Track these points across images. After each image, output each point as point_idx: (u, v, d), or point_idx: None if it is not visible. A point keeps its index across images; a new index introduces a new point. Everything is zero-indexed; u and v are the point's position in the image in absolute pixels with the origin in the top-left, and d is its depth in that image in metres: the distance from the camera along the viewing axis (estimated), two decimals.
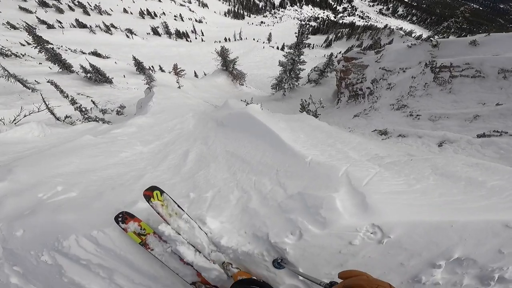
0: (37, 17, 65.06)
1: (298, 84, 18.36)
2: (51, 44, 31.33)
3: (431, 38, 10.42)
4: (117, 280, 2.02)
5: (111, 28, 65.39)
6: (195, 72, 32.17)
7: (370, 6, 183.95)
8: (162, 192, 2.09)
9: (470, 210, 1.84)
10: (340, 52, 57.03)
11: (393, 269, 1.74)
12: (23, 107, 8.59)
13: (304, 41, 16.91)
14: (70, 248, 2.07)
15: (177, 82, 14.48)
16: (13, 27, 51.70)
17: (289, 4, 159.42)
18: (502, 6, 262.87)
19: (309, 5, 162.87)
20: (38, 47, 20.89)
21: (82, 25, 64.87)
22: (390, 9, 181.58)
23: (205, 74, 28.88)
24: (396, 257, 1.74)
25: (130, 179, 3.32)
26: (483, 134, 5.18)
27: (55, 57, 21.51)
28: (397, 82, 9.70)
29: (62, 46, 37.05)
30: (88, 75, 21.39)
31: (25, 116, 7.47)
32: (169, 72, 21.31)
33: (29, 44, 28.25)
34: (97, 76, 21.36)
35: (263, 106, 12.43)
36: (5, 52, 23.31)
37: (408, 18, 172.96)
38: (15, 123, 6.82)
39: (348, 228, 1.81)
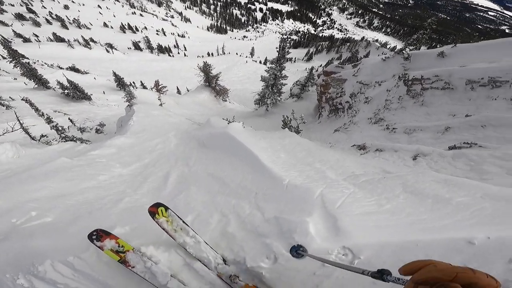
0: (13, 30, 62.92)
1: (281, 99, 18.69)
2: (27, 58, 30.21)
3: (403, 51, 11.03)
4: None
5: (90, 43, 64.26)
6: (177, 88, 31.96)
7: (347, 19, 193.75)
8: (167, 208, 2.13)
9: (435, 229, 1.92)
10: (321, 65, 59.04)
11: None
12: None
13: (285, 56, 17.41)
14: (46, 273, 2.05)
15: (158, 99, 14.31)
16: None
17: (271, 18, 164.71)
18: (468, 15, 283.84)
19: (290, 19, 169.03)
20: (13, 62, 20.12)
21: (59, 39, 63.27)
22: (366, 21, 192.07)
23: (188, 90, 28.81)
24: (368, 276, 1.77)
25: (108, 203, 3.28)
26: (454, 146, 5.45)
27: (30, 72, 20.74)
28: (374, 96, 10.12)
29: (38, 60, 35.83)
30: (66, 91, 20.70)
31: None
32: (151, 89, 21.10)
33: (4, 58, 27.07)
34: (75, 93, 20.74)
35: (246, 122, 12.51)
36: None
37: (383, 30, 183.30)
38: None
39: (320, 251, 1.87)
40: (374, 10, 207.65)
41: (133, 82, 35.23)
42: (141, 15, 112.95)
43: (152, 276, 1.96)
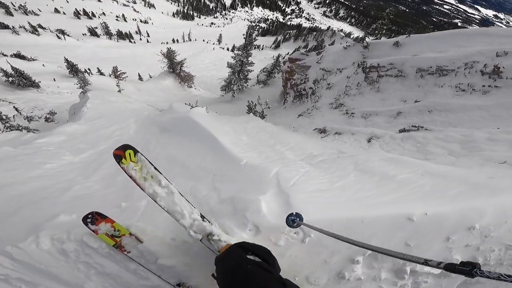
0: None
1: (247, 85, 18.65)
2: None
3: (363, 40, 11.57)
4: None
5: (39, 29, 57.27)
6: (139, 75, 30.15)
7: (315, 8, 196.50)
8: (136, 151, 1.79)
9: (379, 205, 2.00)
10: (288, 53, 59.49)
11: (318, 267, 1.80)
12: None
13: (252, 43, 17.26)
14: None
15: (117, 85, 13.40)
16: None
17: (240, 5, 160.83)
18: (424, 8, 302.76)
19: (260, 7, 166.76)
20: None
21: (3, 26, 55.54)
22: (333, 11, 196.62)
23: (150, 77, 27.34)
24: (319, 255, 1.82)
25: (55, 192, 3.08)
26: (404, 129, 5.96)
27: None
28: (335, 82, 10.56)
29: None
30: (10, 79, 18.54)
31: None
32: (109, 75, 19.65)
33: None
34: (21, 80, 18.63)
35: (212, 108, 12.32)
36: None
37: (348, 20, 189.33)
38: None
39: (272, 229, 1.88)
40: (341, 0, 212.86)
41: (89, 69, 32.36)
42: (99, 0, 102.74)
43: (146, 261, 1.85)
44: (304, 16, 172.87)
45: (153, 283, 1.92)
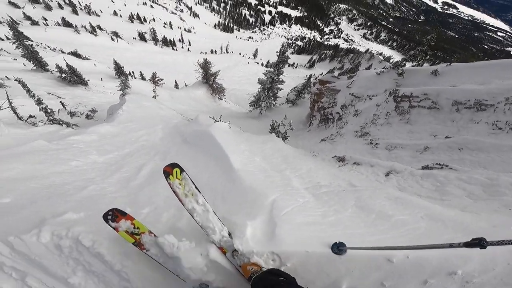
0: (23, 13, 62.86)
1: (276, 103, 18.86)
2: (31, 40, 30.07)
3: (398, 67, 11.17)
4: (29, 282, 2.05)
5: (97, 30, 64.06)
6: (176, 82, 32.02)
7: (355, 29, 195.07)
8: (182, 170, 2.04)
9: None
10: (322, 73, 59.49)
11: None
12: None
13: (285, 61, 17.55)
14: None
15: (153, 91, 14.36)
16: None
17: (279, 22, 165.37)
18: (476, 34, 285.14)
19: (298, 25, 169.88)
20: (16, 43, 20.12)
21: (67, 24, 63.24)
22: (374, 33, 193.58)
23: (186, 85, 28.88)
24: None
25: (71, 189, 3.33)
26: (427, 166, 5.61)
27: (31, 54, 20.78)
28: (363, 109, 10.29)
29: (42, 43, 35.75)
30: (63, 75, 20.66)
31: None
32: (149, 80, 21.12)
33: (8, 39, 26.97)
34: (72, 77, 20.67)
35: (237, 123, 12.57)
36: None
37: (389, 44, 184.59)
38: None
39: (249, 253, 1.95)
40: (383, 23, 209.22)
41: (133, 72, 35.18)
42: (151, 6, 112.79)
43: (166, 260, 1.93)
44: (342, 37, 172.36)
45: (132, 285, 2.01)
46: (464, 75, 8.56)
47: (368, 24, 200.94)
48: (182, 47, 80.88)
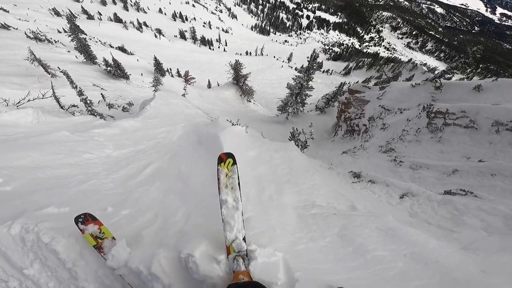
0: (82, 7, 69.40)
1: (303, 109, 18.54)
2: (85, 34, 33.06)
3: (436, 79, 10.27)
4: None
5: (143, 26, 68.64)
6: (209, 81, 32.90)
7: (398, 38, 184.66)
8: (234, 163, 2.08)
9: (319, 282, 1.86)
10: (357, 81, 57.21)
11: None
12: (31, 92, 9.05)
13: (315, 67, 17.18)
14: None
15: (184, 89, 14.95)
16: (57, 13, 55.03)
17: (316, 27, 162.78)
18: None
19: (336, 31, 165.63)
20: (72, 36, 22.22)
21: (118, 20, 68.58)
22: (419, 43, 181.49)
23: (218, 85, 29.62)
24: None
25: (73, 182, 3.47)
26: (449, 191, 5.13)
27: (83, 48, 22.77)
28: (392, 123, 9.70)
29: (94, 37, 39.08)
30: (108, 68, 22.33)
31: (28, 100, 7.88)
32: (182, 77, 21.97)
33: (65, 32, 29.86)
34: (116, 71, 22.25)
35: (262, 127, 12.53)
36: (40, 37, 24.76)
37: (436, 54, 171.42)
38: (17, 106, 7.20)
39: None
40: (431, 32, 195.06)
41: (170, 69, 36.91)
42: (193, 5, 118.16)
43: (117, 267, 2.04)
44: (383, 45, 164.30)
45: (78, 284, 2.13)
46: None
47: (414, 33, 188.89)
48: (219, 47, 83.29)
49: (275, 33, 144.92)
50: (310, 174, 4.48)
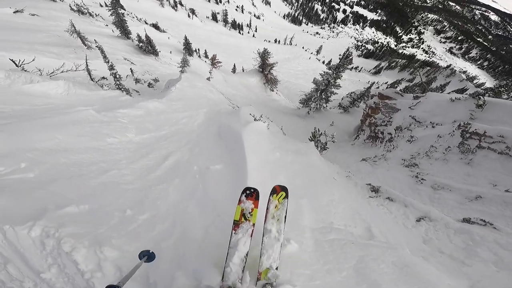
0: None
1: (326, 106, 18.03)
2: (124, 10, 33.57)
3: (480, 96, 9.44)
4: (10, 269, 2.27)
5: (178, 5, 68.71)
6: (234, 65, 32.70)
7: (440, 42, 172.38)
8: (286, 196, 2.18)
9: None
10: (387, 82, 54.56)
11: None
12: (66, 62, 9.37)
13: (346, 65, 16.52)
14: None
15: (209, 72, 14.93)
16: None
17: (351, 22, 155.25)
18: None
19: (373, 28, 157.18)
20: (111, 11, 22.81)
21: None
22: (463, 49, 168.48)
23: (243, 70, 29.38)
24: None
25: (94, 171, 3.41)
26: (469, 219, 4.85)
27: (120, 23, 23.34)
28: (421, 137, 9.16)
29: (131, 13, 39.72)
30: (140, 44, 22.79)
31: (62, 72, 8.13)
32: (209, 59, 21.88)
33: (106, 6, 30.51)
34: (147, 47, 22.66)
35: (282, 119, 12.24)
36: (83, 10, 25.51)
37: (479, 62, 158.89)
38: (50, 76, 7.44)
39: None
40: (479, 39, 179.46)
41: (198, 49, 36.99)
42: None
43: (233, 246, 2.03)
44: (422, 48, 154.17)
45: None
46: None
47: (459, 38, 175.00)
48: (248, 32, 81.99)
49: (307, 24, 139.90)
50: (329, 187, 4.32)
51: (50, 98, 5.74)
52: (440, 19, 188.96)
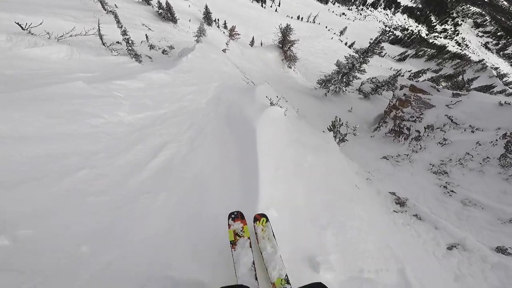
0: None
1: (346, 90, 16.85)
2: None
3: None
4: None
5: None
6: (253, 38, 31.22)
7: (477, 36, 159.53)
8: (267, 220, 2.35)
9: None
10: (411, 70, 51.30)
11: None
12: (84, 26, 8.74)
13: (375, 51, 15.15)
14: None
15: (226, 43, 13.84)
16: None
17: (382, 6, 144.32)
18: None
19: (405, 14, 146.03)
20: None
21: None
22: (500, 45, 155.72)
23: (261, 44, 27.87)
24: None
25: (57, 171, 2.55)
26: (504, 249, 4.09)
27: None
28: (455, 141, 8.11)
29: None
30: (160, 11, 21.88)
31: (71, 36, 7.55)
32: (228, 30, 20.63)
33: None
34: (167, 14, 21.81)
35: (298, 99, 11.23)
36: None
37: None
38: (58, 40, 6.93)
39: None
40: None
41: (218, 19, 35.35)
42: None
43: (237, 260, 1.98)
44: (455, 40, 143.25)
45: None
46: None
47: (498, 34, 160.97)
48: (271, 6, 77.76)
49: (333, 3, 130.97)
50: (355, 204, 3.48)
51: (50, 62, 5.16)
52: (483, 13, 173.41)
